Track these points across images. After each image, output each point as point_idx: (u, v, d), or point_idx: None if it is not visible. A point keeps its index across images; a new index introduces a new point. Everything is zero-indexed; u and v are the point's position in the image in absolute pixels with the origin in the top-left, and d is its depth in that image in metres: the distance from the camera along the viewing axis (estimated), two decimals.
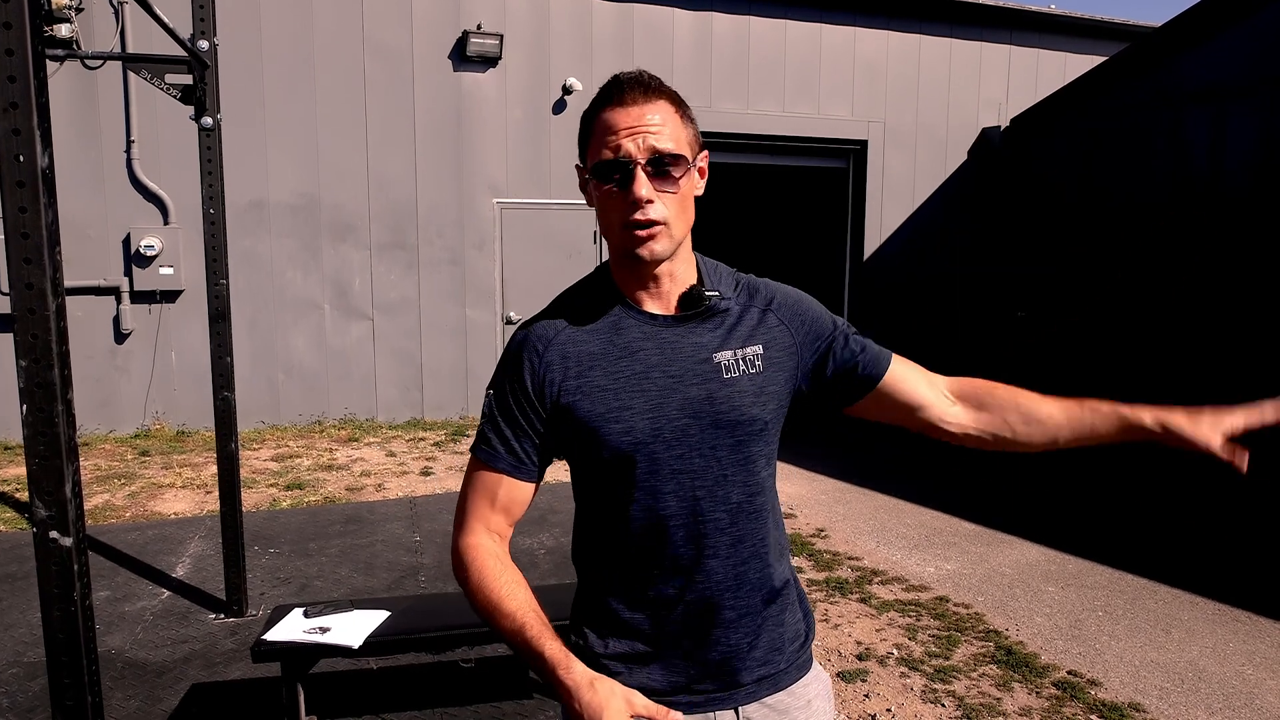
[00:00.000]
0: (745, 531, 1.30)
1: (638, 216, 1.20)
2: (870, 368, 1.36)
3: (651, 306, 1.31)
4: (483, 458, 1.30)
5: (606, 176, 1.22)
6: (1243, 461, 1.23)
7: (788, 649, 1.35)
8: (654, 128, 1.21)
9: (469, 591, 1.26)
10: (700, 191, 1.32)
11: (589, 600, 1.36)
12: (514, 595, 1.22)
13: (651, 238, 1.22)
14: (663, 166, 1.21)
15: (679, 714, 1.18)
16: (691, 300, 1.29)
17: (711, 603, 1.28)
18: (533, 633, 1.18)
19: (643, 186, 1.19)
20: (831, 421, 7.85)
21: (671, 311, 1.30)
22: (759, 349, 1.30)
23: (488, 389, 1.34)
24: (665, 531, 1.27)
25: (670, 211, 1.23)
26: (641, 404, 1.25)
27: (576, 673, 1.15)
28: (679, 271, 1.31)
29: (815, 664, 1.43)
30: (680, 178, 1.23)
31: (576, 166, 1.32)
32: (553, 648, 1.17)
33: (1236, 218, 7.06)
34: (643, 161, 1.20)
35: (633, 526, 1.27)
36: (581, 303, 1.33)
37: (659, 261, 1.26)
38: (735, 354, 1.28)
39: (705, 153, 1.32)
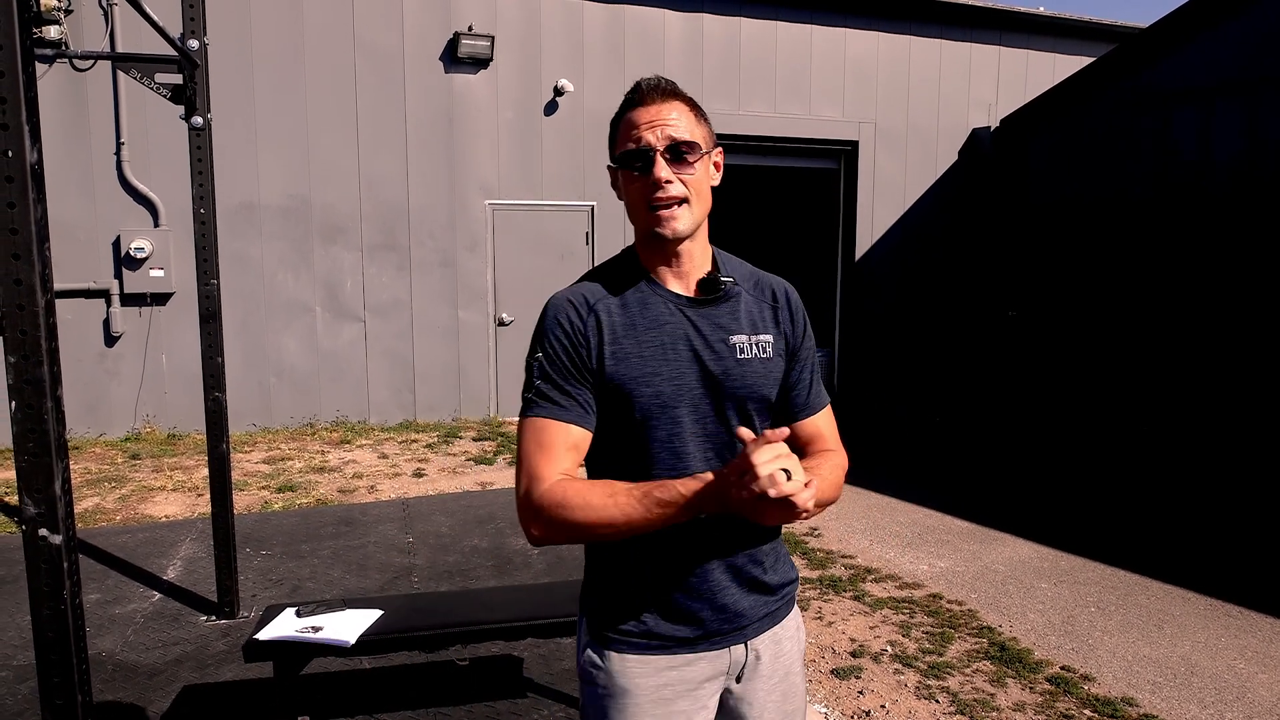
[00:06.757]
0: None
1: (659, 195, 1.36)
2: (804, 403, 1.52)
3: (674, 285, 1.45)
4: (545, 414, 1.35)
5: (630, 165, 1.39)
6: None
7: (783, 591, 1.53)
8: (671, 122, 1.38)
9: (569, 511, 1.26)
10: (716, 183, 1.48)
11: (609, 562, 1.45)
12: (617, 481, 1.28)
13: (673, 216, 1.37)
14: (679, 153, 1.37)
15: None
16: (710, 285, 1.45)
17: (726, 555, 1.43)
18: (656, 484, 1.25)
19: (662, 170, 1.36)
20: None
21: (692, 293, 1.45)
22: (769, 338, 1.47)
23: (532, 356, 1.40)
24: None
25: (689, 191, 1.38)
26: (668, 371, 1.39)
27: (709, 473, 1.24)
28: (698, 255, 1.46)
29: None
30: (695, 162, 1.39)
31: (608, 167, 1.47)
32: (687, 480, 1.24)
33: (1222, 215, 7.11)
34: (661, 149, 1.36)
35: None
36: (611, 279, 1.47)
37: (680, 239, 1.40)
38: (750, 339, 1.45)
39: (720, 149, 1.50)
